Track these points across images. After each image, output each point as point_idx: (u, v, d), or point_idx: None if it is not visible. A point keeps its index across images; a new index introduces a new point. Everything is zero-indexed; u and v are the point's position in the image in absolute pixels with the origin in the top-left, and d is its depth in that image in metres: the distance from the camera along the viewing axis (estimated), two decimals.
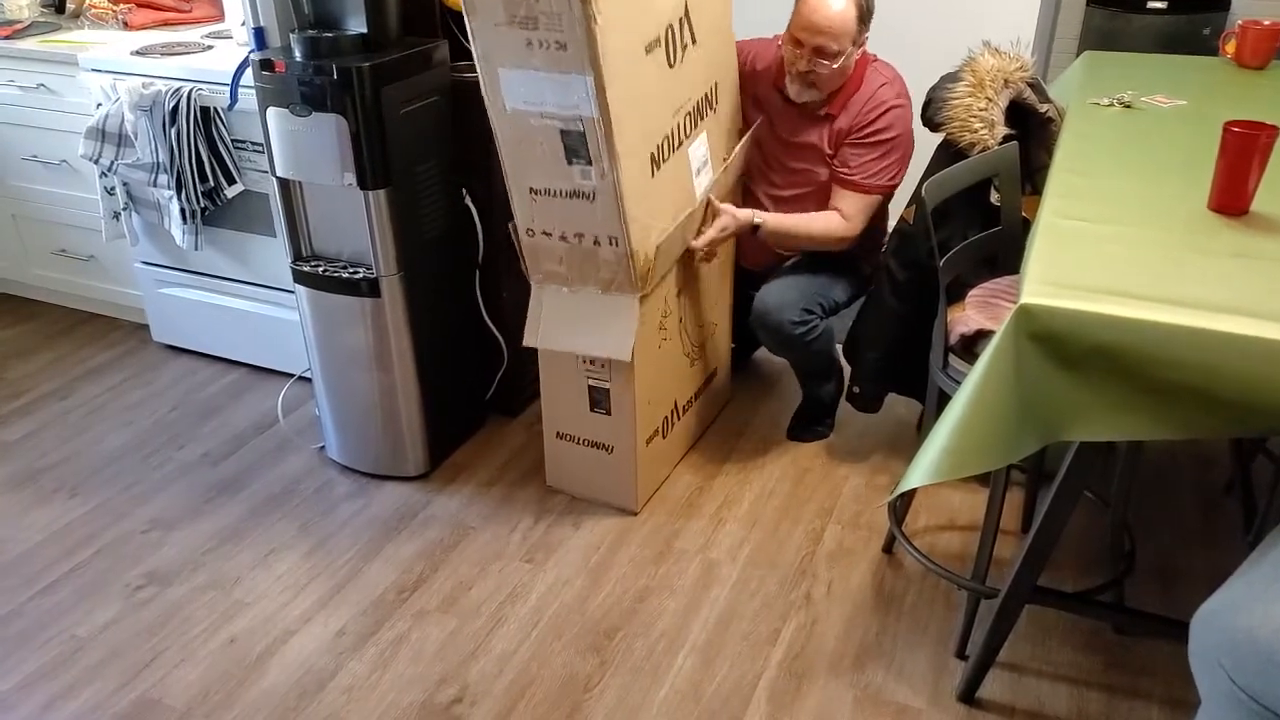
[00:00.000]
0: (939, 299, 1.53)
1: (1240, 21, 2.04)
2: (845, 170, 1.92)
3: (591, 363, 1.81)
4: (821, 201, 1.97)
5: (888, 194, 1.96)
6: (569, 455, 1.94)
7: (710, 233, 1.87)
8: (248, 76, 1.95)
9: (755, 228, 1.91)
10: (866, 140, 1.89)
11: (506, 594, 1.74)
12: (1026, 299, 1.10)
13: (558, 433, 1.93)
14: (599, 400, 1.84)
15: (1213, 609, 0.97)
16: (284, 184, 1.85)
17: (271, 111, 1.75)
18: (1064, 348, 1.09)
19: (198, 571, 1.81)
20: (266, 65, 1.72)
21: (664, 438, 1.98)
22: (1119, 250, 1.22)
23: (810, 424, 2.18)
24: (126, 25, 2.52)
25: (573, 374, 1.85)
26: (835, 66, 1.83)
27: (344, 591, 1.75)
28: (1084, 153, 1.56)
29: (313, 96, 1.69)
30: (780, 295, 1.95)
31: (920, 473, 1.14)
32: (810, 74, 1.85)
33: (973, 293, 1.58)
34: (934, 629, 1.66)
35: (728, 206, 1.90)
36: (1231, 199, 1.31)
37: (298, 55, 1.71)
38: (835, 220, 1.93)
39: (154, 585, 1.77)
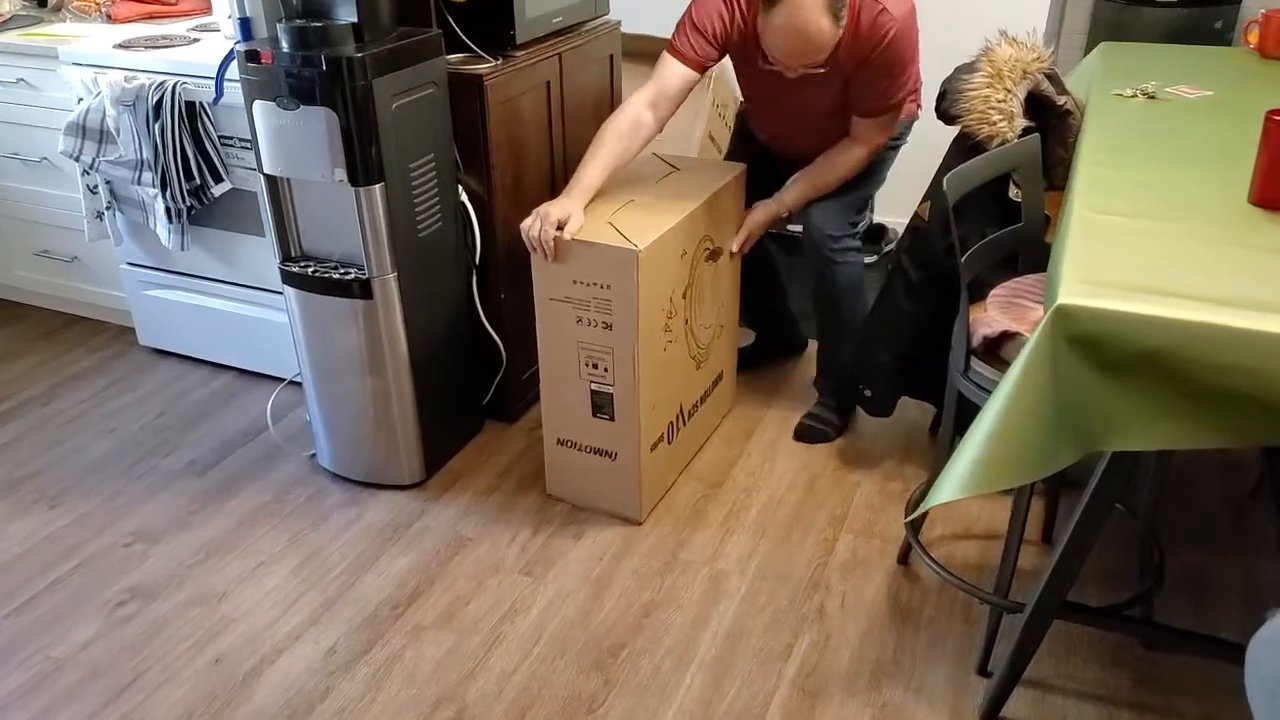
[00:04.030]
0: (959, 298, 1.46)
1: (1264, 11, 1.98)
2: (861, 100, 1.85)
3: (594, 366, 1.75)
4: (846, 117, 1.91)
5: (907, 100, 1.92)
6: (570, 462, 1.87)
7: (739, 239, 1.97)
8: (234, 70, 1.87)
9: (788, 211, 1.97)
10: (876, 71, 1.80)
11: (505, 609, 1.67)
12: (1064, 299, 1.02)
13: (559, 439, 1.86)
14: (602, 405, 1.77)
15: (1276, 633, 0.89)
16: (272, 181, 1.78)
17: (258, 105, 1.68)
18: (1104, 351, 1.02)
19: (182, 586, 1.73)
20: (252, 56, 1.64)
21: (669, 444, 1.91)
22: (1158, 246, 1.14)
23: (819, 422, 2.10)
24: (110, 18, 2.44)
25: (575, 379, 1.78)
26: (825, 53, 1.75)
27: (335, 607, 1.68)
28: (1111, 145, 1.49)
29: (301, 89, 1.62)
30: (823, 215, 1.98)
31: (950, 487, 1.06)
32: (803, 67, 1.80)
33: (994, 292, 1.51)
34: (953, 644, 1.58)
35: (754, 214, 1.98)
36: (1275, 192, 1.24)
37: (285, 46, 1.63)
38: (857, 151, 1.91)
39: (136, 601, 1.69)
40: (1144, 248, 1.14)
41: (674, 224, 1.73)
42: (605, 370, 1.74)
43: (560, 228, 1.65)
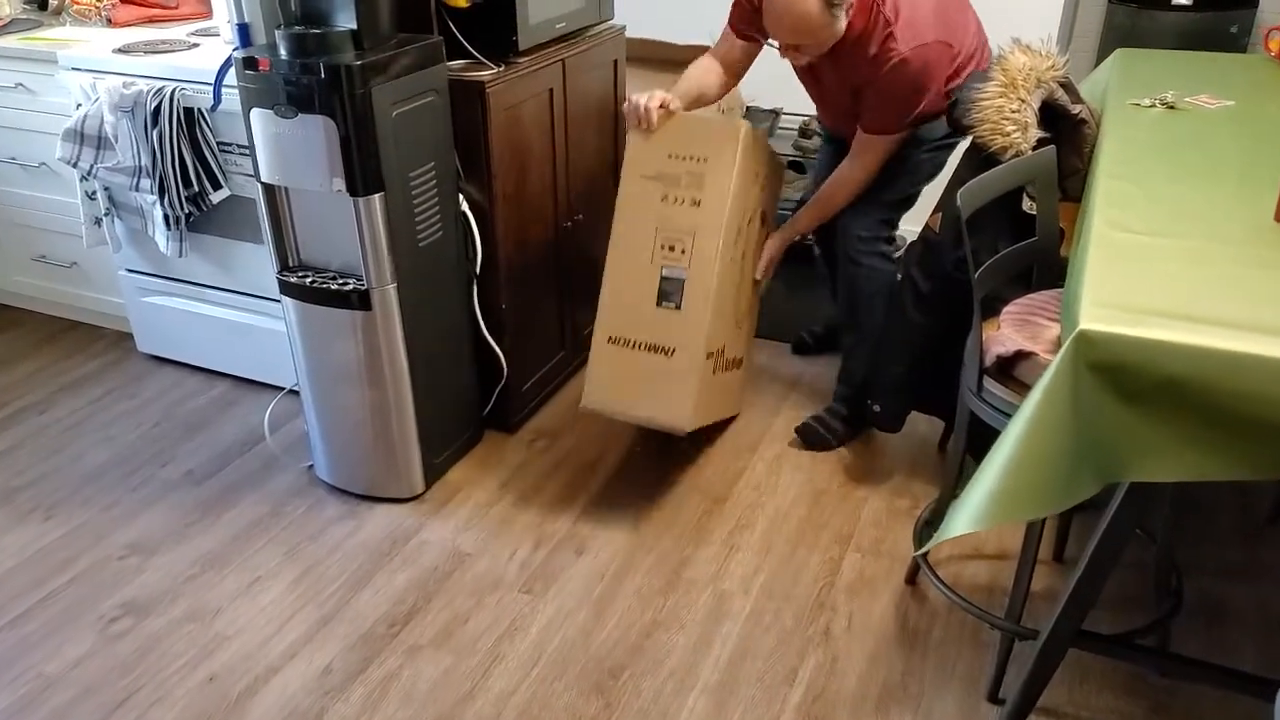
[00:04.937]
0: (971, 314, 1.42)
1: None
2: (862, 114, 1.84)
3: (671, 249, 1.73)
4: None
5: (910, 124, 1.85)
6: (620, 364, 1.76)
7: (760, 267, 1.98)
8: (232, 76, 1.84)
9: (801, 237, 2.00)
10: (878, 94, 1.78)
11: (504, 628, 1.63)
12: (1086, 324, 0.98)
13: (610, 337, 1.77)
14: (670, 293, 1.72)
15: None
16: (269, 190, 1.75)
17: (256, 113, 1.65)
18: (1128, 379, 0.98)
19: (177, 601, 1.70)
20: (250, 63, 1.61)
21: (713, 374, 1.85)
22: (1182, 267, 1.10)
23: (823, 427, 2.07)
24: (110, 22, 2.42)
25: (645, 265, 1.74)
26: (819, 42, 1.74)
27: (331, 624, 1.64)
28: (1130, 158, 1.45)
29: (299, 97, 1.58)
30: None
31: (965, 519, 1.02)
32: (795, 51, 1.79)
33: (1008, 309, 1.47)
34: (962, 668, 1.54)
35: (771, 240, 2.00)
36: None
37: (283, 53, 1.60)
38: (855, 174, 1.89)
39: (130, 617, 1.67)
40: (1167, 269, 1.10)
41: (759, 131, 1.80)
42: (682, 252, 1.72)
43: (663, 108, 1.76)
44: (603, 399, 1.79)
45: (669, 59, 2.58)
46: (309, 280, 1.77)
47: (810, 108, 2.69)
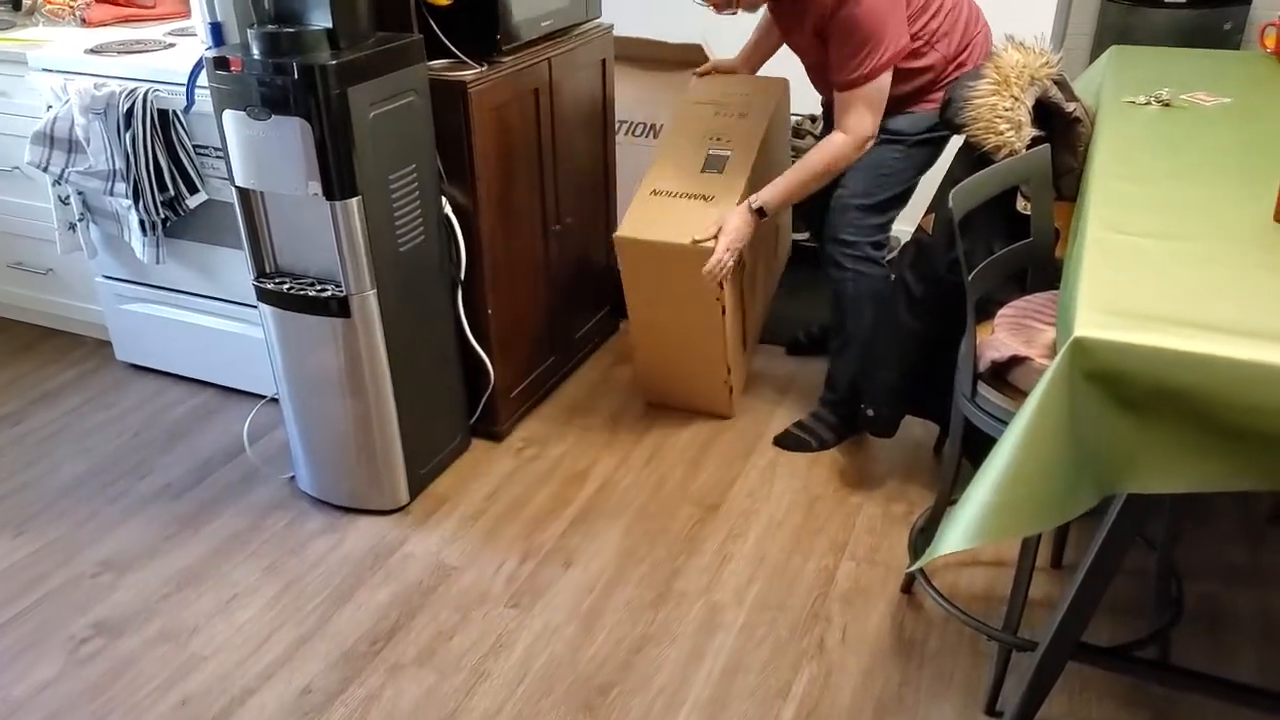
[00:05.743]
0: (966, 317, 1.38)
1: None
2: (833, 74, 1.80)
3: (718, 139, 2.05)
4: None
5: (881, 75, 1.76)
6: (658, 206, 1.98)
7: (719, 248, 1.86)
8: (205, 77, 1.79)
9: (759, 211, 1.87)
10: (836, 36, 1.75)
11: (490, 644, 1.59)
12: (1081, 331, 0.94)
13: (654, 190, 2.01)
14: (714, 164, 2.01)
15: None
16: (244, 194, 1.70)
17: (228, 114, 1.60)
18: (1126, 387, 0.94)
19: (151, 620, 1.65)
20: (221, 63, 1.56)
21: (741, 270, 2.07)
22: (1182, 270, 1.06)
23: (804, 431, 2.04)
24: (84, 22, 2.37)
25: (696, 147, 2.05)
26: None
27: (311, 642, 1.60)
28: (1126, 156, 1.41)
29: (272, 98, 1.54)
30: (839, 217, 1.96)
31: (958, 535, 0.98)
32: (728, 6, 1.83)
33: (1002, 312, 1.43)
34: (960, 679, 1.51)
35: (723, 216, 1.90)
36: None
37: (256, 52, 1.56)
38: (837, 138, 1.81)
39: (101, 637, 1.61)
40: (1166, 272, 1.06)
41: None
42: (728, 141, 2.04)
43: None
44: (635, 229, 1.97)
45: (658, 58, 2.54)
46: (286, 287, 1.72)
47: (806, 107, 2.66)
